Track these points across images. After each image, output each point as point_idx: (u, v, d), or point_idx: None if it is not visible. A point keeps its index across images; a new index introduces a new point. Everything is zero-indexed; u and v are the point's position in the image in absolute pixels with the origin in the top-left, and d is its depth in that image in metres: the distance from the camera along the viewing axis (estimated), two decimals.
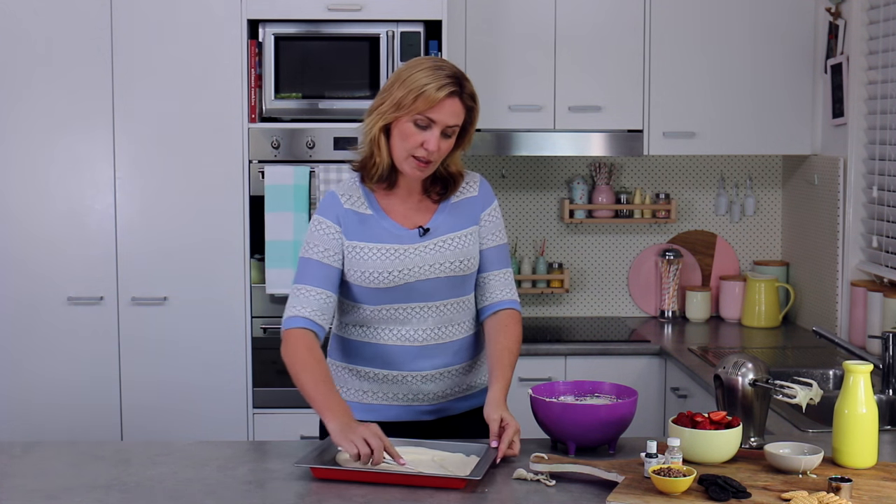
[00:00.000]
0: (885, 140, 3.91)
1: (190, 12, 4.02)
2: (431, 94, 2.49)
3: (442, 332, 2.66)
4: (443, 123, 2.52)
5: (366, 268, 2.60)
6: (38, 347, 4.09)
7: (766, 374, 2.58)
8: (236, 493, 2.28)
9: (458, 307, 2.67)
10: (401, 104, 2.51)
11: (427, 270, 2.61)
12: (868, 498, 2.16)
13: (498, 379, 2.59)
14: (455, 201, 2.68)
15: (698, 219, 4.79)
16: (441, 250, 2.62)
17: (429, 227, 2.63)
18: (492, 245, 2.71)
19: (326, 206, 2.65)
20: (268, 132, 4.05)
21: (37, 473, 2.42)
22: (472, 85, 2.59)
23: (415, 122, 2.52)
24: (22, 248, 4.07)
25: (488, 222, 2.71)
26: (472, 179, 2.72)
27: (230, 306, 4.09)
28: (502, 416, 2.49)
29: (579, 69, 4.34)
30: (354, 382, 2.71)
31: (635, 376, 4.10)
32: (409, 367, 2.66)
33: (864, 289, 3.93)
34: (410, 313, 2.63)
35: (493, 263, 2.72)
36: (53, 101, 4.03)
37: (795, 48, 4.36)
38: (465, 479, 2.26)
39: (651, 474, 2.17)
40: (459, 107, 2.54)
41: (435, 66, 2.54)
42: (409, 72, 2.54)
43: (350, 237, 2.62)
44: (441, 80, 2.50)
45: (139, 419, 4.10)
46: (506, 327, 2.68)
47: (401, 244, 2.61)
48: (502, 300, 2.71)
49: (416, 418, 2.69)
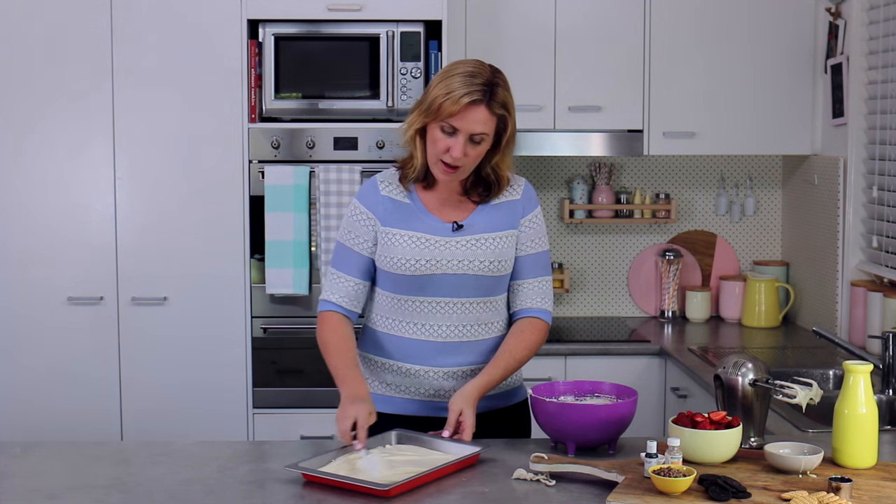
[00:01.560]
0: (885, 140, 3.91)
1: (190, 12, 4.02)
2: (454, 102, 2.50)
3: (467, 330, 2.66)
4: (467, 131, 2.52)
5: (395, 253, 2.62)
6: (38, 347, 4.09)
7: (766, 374, 2.58)
8: (236, 493, 2.28)
9: (485, 308, 2.67)
10: (429, 110, 2.54)
11: (456, 265, 2.62)
12: (868, 498, 2.16)
13: (482, 375, 2.60)
14: (496, 203, 2.68)
15: (698, 219, 4.79)
16: (473, 248, 2.63)
17: (462, 224, 2.64)
18: (530, 252, 2.71)
19: (365, 192, 2.70)
20: (268, 132, 4.05)
21: (37, 473, 2.42)
22: (507, 92, 2.57)
23: (441, 129, 2.54)
24: (22, 248, 4.07)
25: (528, 228, 2.70)
26: (516, 183, 2.72)
27: (230, 306, 4.09)
28: (463, 409, 2.52)
29: (579, 69, 4.34)
30: (377, 374, 2.73)
31: (635, 376, 4.10)
32: (430, 362, 2.66)
33: (864, 289, 3.93)
34: (435, 307, 2.64)
35: (530, 271, 2.71)
36: (53, 101, 4.03)
37: (795, 48, 4.36)
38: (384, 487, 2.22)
39: (651, 474, 2.17)
40: (486, 115, 2.53)
41: (468, 73, 2.54)
42: (444, 76, 2.56)
43: (385, 223, 2.66)
44: (467, 88, 2.50)
45: (139, 419, 4.10)
46: (521, 332, 2.68)
47: (433, 235, 2.63)
48: (530, 307, 2.71)
49: (436, 415, 2.68)
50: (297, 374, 4.09)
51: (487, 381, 2.59)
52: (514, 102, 2.61)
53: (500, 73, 2.59)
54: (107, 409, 4.10)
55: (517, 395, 2.81)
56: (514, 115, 2.60)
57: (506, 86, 2.58)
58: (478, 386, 2.57)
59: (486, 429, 2.62)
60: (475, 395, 2.56)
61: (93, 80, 4.02)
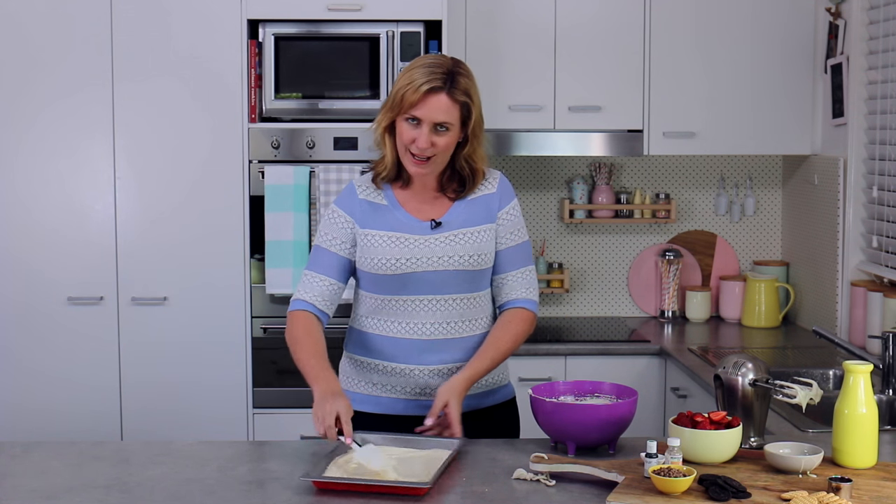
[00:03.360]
0: (885, 140, 3.91)
1: (190, 12, 4.02)
2: (414, 91, 2.52)
3: (451, 327, 2.66)
4: (430, 120, 2.54)
5: (374, 254, 2.63)
6: (38, 347, 4.09)
7: (766, 374, 2.58)
8: (236, 493, 2.28)
9: (469, 303, 2.68)
10: (392, 104, 2.57)
11: (436, 262, 2.62)
12: (868, 498, 2.16)
13: (469, 366, 2.61)
14: (472, 198, 2.69)
15: (698, 219, 4.79)
16: (452, 244, 2.63)
17: (441, 221, 2.65)
18: (511, 244, 2.71)
19: (343, 197, 2.71)
20: (268, 132, 4.05)
21: (37, 473, 2.42)
22: (469, 80, 2.58)
23: (406, 120, 2.56)
24: (22, 248, 4.07)
25: (506, 221, 2.71)
26: (491, 177, 2.73)
27: (230, 306, 4.09)
28: (448, 401, 2.52)
29: (579, 69, 4.34)
30: (364, 374, 2.73)
31: (635, 376, 4.10)
32: (416, 360, 2.67)
33: (864, 289, 3.93)
34: (419, 305, 2.64)
35: (512, 263, 2.72)
36: (53, 101, 4.03)
37: (795, 48, 4.36)
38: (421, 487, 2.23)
39: (651, 474, 2.17)
40: (447, 102, 2.54)
41: (429, 64, 2.56)
42: (406, 70, 2.59)
43: (363, 226, 2.66)
44: (426, 77, 2.53)
45: (139, 419, 4.10)
46: (507, 323, 2.69)
47: (411, 234, 2.63)
48: (515, 298, 2.71)
49: (423, 413, 2.67)
50: (297, 374, 3.97)
51: (473, 373, 2.60)
52: (479, 92, 2.62)
53: (462, 63, 2.61)
54: (107, 409, 4.10)
55: (501, 394, 2.80)
56: (478, 104, 2.61)
57: (468, 75, 2.60)
58: (464, 378, 2.58)
59: (469, 428, 2.62)
60: (461, 386, 2.56)
61: (93, 79, 4.02)
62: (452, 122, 2.57)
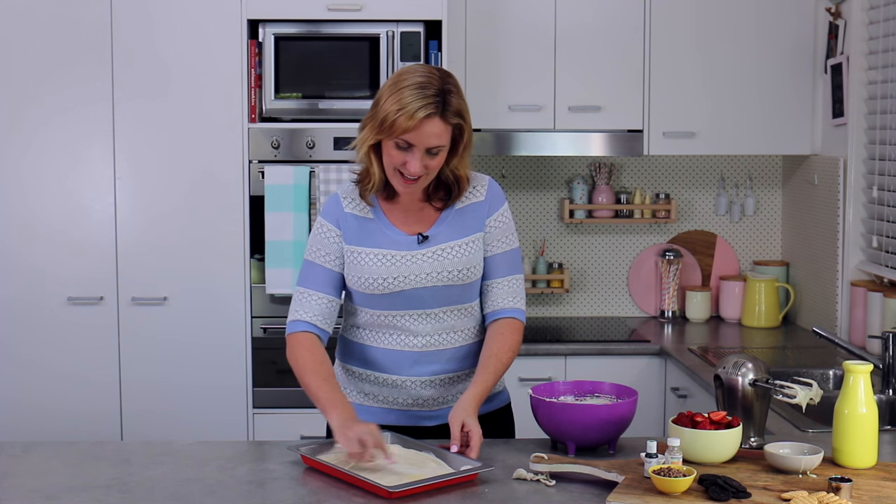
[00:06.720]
0: (885, 140, 3.91)
1: (190, 12, 4.03)
2: (408, 118, 2.41)
3: (442, 338, 2.64)
4: (423, 145, 2.45)
5: (362, 273, 2.58)
6: (38, 347, 4.09)
7: (766, 374, 2.58)
8: (236, 493, 2.28)
9: (458, 315, 2.64)
10: (381, 126, 2.45)
11: (424, 279, 2.57)
12: (868, 498, 2.16)
13: (476, 384, 2.55)
14: (460, 207, 2.63)
15: (698, 219, 4.79)
16: (440, 259, 2.58)
17: (428, 235, 2.59)
18: (499, 251, 2.65)
19: (328, 209, 2.64)
20: (268, 132, 4.06)
21: (37, 473, 2.42)
22: (459, 97, 2.49)
23: (396, 145, 2.46)
24: (22, 248, 4.07)
25: (495, 228, 2.65)
26: (479, 183, 2.65)
27: (230, 306, 4.09)
28: (465, 421, 2.44)
29: (579, 69, 4.34)
30: (355, 385, 2.71)
31: (635, 376, 4.10)
32: (408, 372, 2.63)
33: (864, 289, 3.93)
34: (409, 320, 2.61)
35: (499, 270, 2.66)
36: (53, 102, 4.03)
37: (795, 48, 4.37)
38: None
39: (651, 474, 2.17)
40: (440, 126, 2.45)
41: (419, 85, 2.44)
42: (393, 89, 2.45)
43: (349, 241, 2.60)
44: (421, 102, 2.42)
45: (139, 419, 4.10)
46: (501, 335, 2.63)
47: (399, 250, 2.58)
48: (504, 308, 2.65)
49: (416, 423, 2.67)
50: None
51: (482, 388, 2.54)
52: (468, 105, 2.52)
53: (450, 77, 2.51)
54: (107, 409, 4.10)
55: (498, 400, 2.77)
56: (469, 120, 2.52)
57: (458, 91, 2.50)
58: (474, 395, 2.52)
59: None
60: (473, 404, 2.50)
61: (93, 79, 4.02)
62: (445, 145, 2.49)
